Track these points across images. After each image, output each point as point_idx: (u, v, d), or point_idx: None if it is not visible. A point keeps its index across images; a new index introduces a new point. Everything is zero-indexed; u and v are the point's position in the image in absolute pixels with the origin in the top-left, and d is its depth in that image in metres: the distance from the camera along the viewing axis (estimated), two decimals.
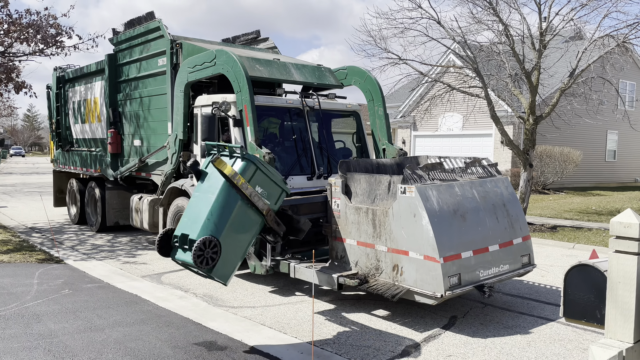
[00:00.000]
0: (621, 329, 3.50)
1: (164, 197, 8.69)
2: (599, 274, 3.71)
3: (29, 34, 10.89)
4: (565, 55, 15.32)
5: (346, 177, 6.37)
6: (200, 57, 7.78)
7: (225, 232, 4.83)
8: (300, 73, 8.37)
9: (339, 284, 5.97)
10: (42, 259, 8.63)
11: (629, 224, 3.45)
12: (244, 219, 5.04)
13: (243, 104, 7.05)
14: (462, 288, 5.48)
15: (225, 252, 4.80)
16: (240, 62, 7.15)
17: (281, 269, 6.68)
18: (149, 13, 9.51)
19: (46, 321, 5.64)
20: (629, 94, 25.61)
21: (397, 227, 5.68)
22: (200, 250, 4.60)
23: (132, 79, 10.16)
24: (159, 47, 9.18)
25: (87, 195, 11.85)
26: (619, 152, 26.79)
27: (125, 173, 10.29)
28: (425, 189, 5.60)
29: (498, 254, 5.97)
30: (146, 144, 9.81)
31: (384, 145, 8.43)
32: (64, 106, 12.95)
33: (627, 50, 13.34)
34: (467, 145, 23.55)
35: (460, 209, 5.77)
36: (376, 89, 8.48)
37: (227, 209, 4.90)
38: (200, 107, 8.01)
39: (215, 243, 4.70)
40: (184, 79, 8.07)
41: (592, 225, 13.04)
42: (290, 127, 8.09)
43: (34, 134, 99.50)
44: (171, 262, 8.62)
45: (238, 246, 5.02)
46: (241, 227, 5.02)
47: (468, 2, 12.38)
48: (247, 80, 7.03)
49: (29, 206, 16.09)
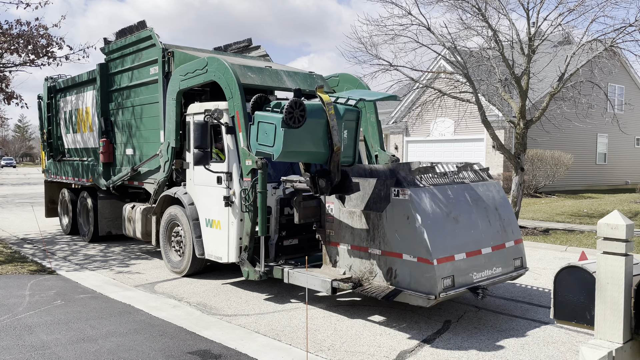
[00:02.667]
0: (610, 330, 3.54)
1: (157, 206, 8.65)
2: (588, 276, 3.75)
3: (19, 44, 10.86)
4: (554, 60, 15.48)
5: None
6: (192, 64, 7.79)
7: (307, 124, 5.58)
8: (292, 80, 8.40)
9: (333, 288, 5.98)
10: (34, 270, 8.58)
11: (616, 225, 3.49)
12: (316, 137, 5.80)
13: (235, 110, 7.06)
14: (455, 290, 5.50)
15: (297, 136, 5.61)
16: (232, 68, 7.17)
17: (275, 274, 6.69)
18: (141, 22, 9.48)
19: (38, 332, 5.61)
20: (617, 98, 25.86)
21: (391, 230, 5.72)
22: (292, 109, 5.38)
23: (124, 88, 10.13)
24: (150, 56, 9.18)
25: (79, 205, 11.79)
26: (609, 155, 27.02)
27: (117, 182, 10.25)
28: (418, 192, 5.64)
29: (491, 256, 6.02)
30: (138, 152, 9.77)
31: (376, 151, 8.45)
32: (55, 116, 12.88)
33: (615, 54, 13.50)
34: (459, 150, 23.67)
35: (453, 212, 5.82)
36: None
37: (315, 115, 5.75)
38: (193, 115, 8.00)
39: (304, 107, 5.46)
40: (176, 87, 8.07)
41: (584, 228, 13.14)
42: None
43: (25, 145, 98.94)
44: (165, 271, 8.62)
45: (302, 143, 5.74)
46: (314, 136, 5.78)
47: (457, 9, 12.51)
48: (239, 87, 7.04)
49: (20, 217, 15.99)
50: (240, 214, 7.01)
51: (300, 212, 6.39)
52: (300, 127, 5.52)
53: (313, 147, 5.86)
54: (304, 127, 5.57)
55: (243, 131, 6.92)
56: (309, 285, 6.24)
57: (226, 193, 7.22)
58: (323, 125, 5.83)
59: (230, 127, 7.25)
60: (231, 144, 7.27)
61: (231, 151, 7.26)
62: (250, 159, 6.73)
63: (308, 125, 5.64)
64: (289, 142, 5.60)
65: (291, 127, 5.49)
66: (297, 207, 6.42)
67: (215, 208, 7.47)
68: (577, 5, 11.95)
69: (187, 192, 8.11)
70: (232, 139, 7.26)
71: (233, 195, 7.14)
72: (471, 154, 22.87)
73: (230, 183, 7.24)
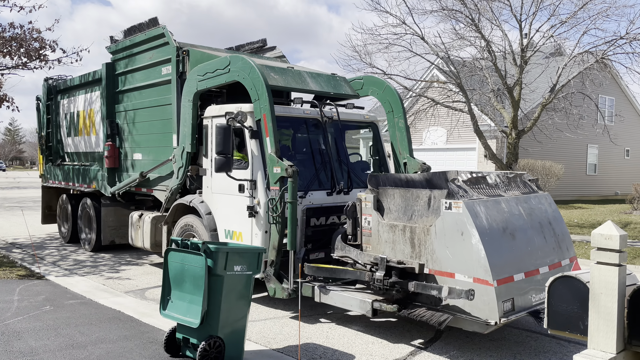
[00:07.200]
0: (604, 340, 3.54)
1: (169, 215, 8.07)
2: (582, 285, 3.76)
3: (12, 47, 10.80)
4: (546, 71, 15.63)
5: (378, 192, 5.88)
6: (211, 64, 7.28)
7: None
8: (316, 82, 7.85)
9: (373, 310, 5.46)
10: (23, 275, 8.47)
11: (610, 235, 3.51)
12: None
13: (262, 113, 6.51)
14: (516, 314, 5.04)
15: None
16: (259, 68, 6.65)
17: (304, 292, 6.14)
18: (152, 19, 8.87)
19: (27, 338, 5.52)
20: (608, 109, 26.16)
21: (441, 246, 5.19)
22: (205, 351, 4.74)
23: (132, 89, 9.54)
24: (163, 55, 8.59)
25: (80, 213, 11.16)
26: (600, 166, 27.26)
27: (124, 189, 9.61)
28: (473, 205, 5.08)
29: (548, 276, 5.18)
30: (148, 157, 9.16)
31: (405, 158, 7.83)
32: (55, 118, 12.26)
33: (606, 66, 13.67)
34: (451, 159, 23.79)
35: (509, 227, 5.29)
36: (396, 100, 7.99)
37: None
38: (211, 118, 7.42)
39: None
40: (193, 87, 7.56)
41: (575, 238, 13.21)
42: (307, 139, 7.64)
43: (15, 148, 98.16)
44: (155, 277, 8.53)
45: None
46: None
47: (451, 19, 12.64)
48: (266, 88, 6.50)
49: (9, 221, 15.81)
50: (265, 225, 6.44)
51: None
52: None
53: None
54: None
55: (270, 135, 6.41)
56: (345, 305, 5.78)
57: (250, 202, 6.63)
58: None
59: (254, 131, 6.73)
60: (255, 149, 6.73)
61: (255, 157, 6.71)
62: (279, 166, 6.17)
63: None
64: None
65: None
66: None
67: (236, 218, 6.88)
68: (569, 18, 12.12)
69: (203, 201, 7.49)
70: (257, 144, 6.73)
71: (257, 205, 6.57)
72: (463, 163, 22.99)
73: (254, 192, 6.65)
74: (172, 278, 4.96)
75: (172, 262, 4.94)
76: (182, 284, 4.86)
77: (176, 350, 5.06)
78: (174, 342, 5.05)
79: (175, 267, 4.92)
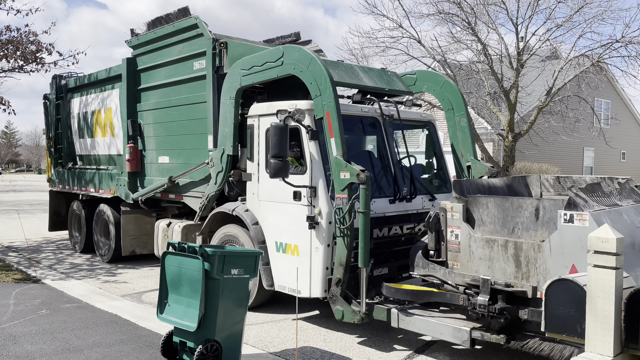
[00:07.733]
0: (601, 343, 3.55)
1: (206, 224, 7.25)
2: (579, 289, 3.77)
3: (9, 50, 10.78)
4: (542, 74, 15.70)
5: (467, 201, 5.14)
6: (260, 56, 6.54)
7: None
8: (369, 77, 7.04)
9: (472, 340, 4.79)
10: (19, 279, 8.43)
11: (607, 238, 3.52)
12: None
13: (325, 110, 5.69)
14: None
15: None
16: (320, 59, 5.87)
17: (376, 315, 5.45)
18: (183, 9, 8.09)
19: (23, 342, 5.50)
20: (604, 112, 26.26)
21: (558, 265, 4.44)
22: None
23: (157, 86, 8.71)
24: (196, 48, 7.78)
25: (95, 220, 10.37)
26: (596, 168, 27.35)
27: (148, 194, 8.82)
28: (599, 217, 4.34)
29: None
30: (177, 161, 8.37)
31: (469, 161, 7.14)
32: (66, 118, 11.44)
33: (602, 69, 13.75)
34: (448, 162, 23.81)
35: (636, 241, 4.64)
36: (458, 97, 7.31)
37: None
38: (258, 117, 6.64)
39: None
40: (236, 83, 6.81)
41: None
42: (365, 140, 7.12)
43: (11, 151, 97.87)
44: (152, 281, 8.51)
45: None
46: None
47: (448, 22, 12.69)
48: (330, 82, 5.69)
49: (5, 224, 15.76)
50: (327, 238, 5.72)
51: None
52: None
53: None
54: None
55: (336, 136, 5.61)
56: (432, 333, 5.11)
57: (309, 212, 5.86)
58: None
59: (314, 131, 6.00)
60: (315, 152, 5.98)
61: (315, 161, 5.95)
62: (347, 171, 5.40)
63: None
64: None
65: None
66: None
67: (290, 229, 6.12)
68: (565, 21, 12.19)
69: (248, 209, 6.71)
70: (316, 145, 5.99)
71: (319, 215, 5.79)
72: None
73: (314, 200, 5.88)
74: (170, 281, 4.94)
75: (169, 266, 4.93)
76: (180, 287, 4.85)
77: (173, 354, 5.05)
78: (170, 346, 5.04)
79: (173, 270, 4.90)
